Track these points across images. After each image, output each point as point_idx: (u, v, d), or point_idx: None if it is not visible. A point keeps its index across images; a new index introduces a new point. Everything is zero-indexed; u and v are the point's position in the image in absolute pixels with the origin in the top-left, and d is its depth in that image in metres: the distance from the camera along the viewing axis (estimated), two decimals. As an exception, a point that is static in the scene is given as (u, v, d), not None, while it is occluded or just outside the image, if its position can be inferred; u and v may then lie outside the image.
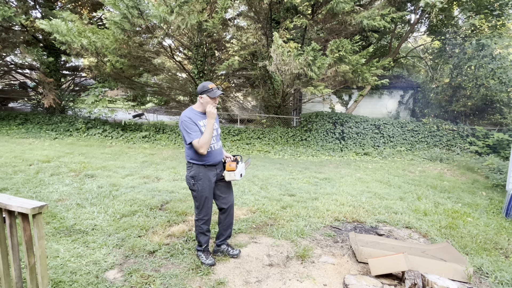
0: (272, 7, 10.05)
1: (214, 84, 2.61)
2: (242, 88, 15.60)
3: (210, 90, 2.57)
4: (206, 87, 2.58)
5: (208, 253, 2.84)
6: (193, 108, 2.66)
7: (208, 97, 2.58)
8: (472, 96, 11.50)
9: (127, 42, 9.04)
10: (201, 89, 2.61)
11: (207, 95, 2.57)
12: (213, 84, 2.60)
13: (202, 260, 2.76)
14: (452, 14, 12.06)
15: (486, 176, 7.25)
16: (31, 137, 9.78)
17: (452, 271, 2.64)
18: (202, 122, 2.60)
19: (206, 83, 2.59)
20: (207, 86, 2.58)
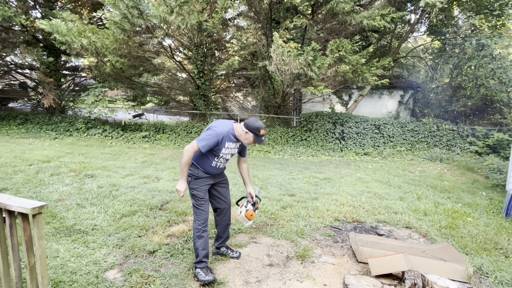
0: (272, 7, 10.05)
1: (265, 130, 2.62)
2: (242, 88, 15.60)
3: (260, 136, 2.47)
4: (257, 130, 2.44)
5: (208, 269, 2.57)
6: (234, 128, 2.51)
7: (251, 138, 2.48)
8: (472, 96, 11.51)
9: (127, 42, 9.05)
10: (252, 127, 2.45)
11: (254, 137, 2.47)
12: (264, 131, 2.49)
13: (201, 277, 2.46)
14: (452, 14, 12.07)
15: (486, 176, 7.25)
16: (31, 137, 9.78)
17: (452, 271, 2.64)
18: (228, 145, 2.49)
19: (259, 126, 2.44)
20: (259, 130, 2.44)
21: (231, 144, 2.51)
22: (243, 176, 2.84)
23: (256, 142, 2.50)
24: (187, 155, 2.40)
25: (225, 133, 2.44)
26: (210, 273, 2.51)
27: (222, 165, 2.62)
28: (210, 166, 2.55)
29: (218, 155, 2.50)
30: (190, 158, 2.41)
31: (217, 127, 2.44)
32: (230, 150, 2.55)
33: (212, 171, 2.59)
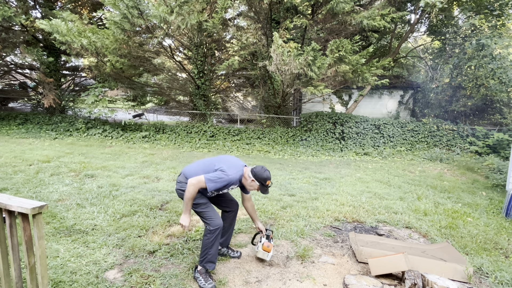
0: (272, 7, 10.05)
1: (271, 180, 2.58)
2: (242, 88, 15.60)
3: (265, 186, 2.48)
4: (264, 180, 2.45)
5: (208, 275, 2.51)
6: (243, 175, 2.52)
7: (256, 186, 2.50)
8: (472, 96, 11.50)
9: (127, 42, 9.04)
10: (260, 177, 2.46)
11: (259, 185, 2.49)
12: (270, 181, 2.50)
13: (201, 283, 2.42)
14: (452, 14, 12.07)
15: (486, 176, 7.25)
16: (31, 137, 9.78)
17: (452, 271, 2.64)
18: (232, 187, 2.53)
19: (268, 176, 2.45)
20: (266, 180, 2.45)
21: (235, 186, 2.54)
22: (250, 214, 2.83)
23: (259, 190, 2.53)
24: (192, 190, 2.33)
25: (235, 180, 2.43)
26: (210, 279, 2.45)
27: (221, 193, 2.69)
28: (206, 194, 2.54)
29: (219, 193, 2.57)
30: (195, 192, 2.35)
31: (229, 173, 2.40)
32: (230, 189, 2.58)
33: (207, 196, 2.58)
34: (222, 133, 10.89)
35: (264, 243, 2.76)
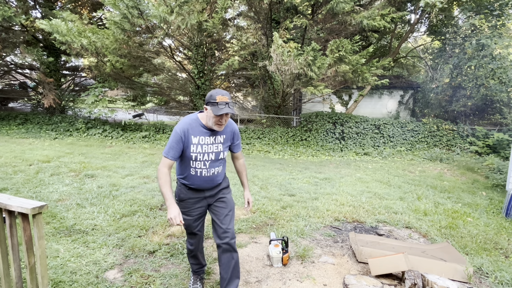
0: (272, 7, 10.06)
1: (227, 97, 1.92)
2: (242, 88, 15.61)
3: (215, 104, 1.90)
4: (212, 98, 1.91)
5: (197, 278, 2.41)
6: (198, 117, 2.05)
7: (211, 114, 1.94)
8: (472, 96, 11.50)
9: (127, 42, 9.05)
10: (207, 98, 1.98)
11: (210, 109, 1.92)
12: (224, 97, 1.91)
13: (189, 284, 2.39)
14: (452, 14, 12.07)
15: (486, 176, 7.25)
16: (31, 137, 9.78)
17: (452, 271, 2.64)
18: (199, 139, 2.01)
19: (215, 93, 1.92)
20: (214, 97, 1.90)
21: (205, 139, 2.02)
22: (239, 177, 2.39)
23: (216, 116, 1.92)
24: (159, 174, 1.99)
25: (187, 125, 1.99)
26: (198, 282, 2.38)
27: (206, 173, 2.08)
28: (191, 177, 2.09)
29: (191, 157, 2.01)
30: (165, 175, 1.98)
31: (177, 125, 2.05)
32: (206, 148, 2.03)
33: (197, 182, 2.09)
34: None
35: (286, 254, 2.80)
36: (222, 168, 2.20)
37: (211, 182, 2.14)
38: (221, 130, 2.03)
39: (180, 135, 1.98)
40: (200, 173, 2.08)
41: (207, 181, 2.12)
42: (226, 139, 2.14)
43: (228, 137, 2.15)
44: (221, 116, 1.94)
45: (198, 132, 2.02)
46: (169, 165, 2.01)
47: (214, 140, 2.07)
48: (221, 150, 2.11)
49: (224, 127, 2.04)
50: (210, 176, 2.12)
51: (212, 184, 2.16)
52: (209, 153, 2.06)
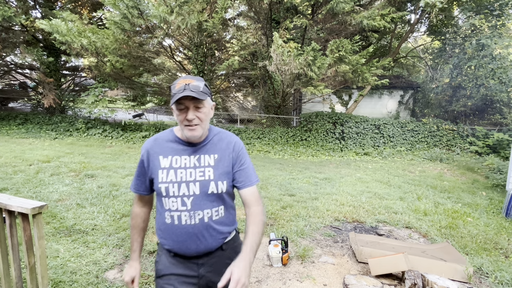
0: (272, 7, 10.06)
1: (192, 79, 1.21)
2: (242, 88, 15.61)
3: (175, 93, 1.18)
4: (171, 88, 1.23)
5: None
6: (174, 129, 1.34)
7: (176, 112, 1.21)
8: (472, 96, 11.51)
9: (127, 42, 9.05)
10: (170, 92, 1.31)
11: (172, 105, 1.21)
12: (185, 79, 1.20)
13: None
14: (452, 14, 12.08)
15: (486, 176, 7.25)
16: (31, 137, 9.77)
17: (452, 271, 2.64)
18: (170, 161, 1.25)
19: (177, 79, 1.22)
20: (174, 85, 1.21)
21: (181, 159, 1.25)
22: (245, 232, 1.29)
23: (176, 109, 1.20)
24: (131, 212, 1.41)
25: (152, 141, 1.31)
26: None
27: (189, 219, 1.23)
28: (167, 229, 1.27)
29: (161, 191, 1.24)
30: (133, 216, 1.38)
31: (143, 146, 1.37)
32: (184, 174, 1.24)
33: (177, 239, 1.25)
34: (222, 133, 10.88)
35: (286, 255, 2.80)
36: (223, 211, 1.30)
37: (202, 238, 1.25)
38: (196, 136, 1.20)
39: (143, 157, 1.30)
40: (178, 220, 1.23)
41: (193, 236, 1.23)
42: (220, 161, 1.28)
43: (223, 157, 1.29)
44: (183, 108, 1.17)
45: (170, 150, 1.27)
46: (138, 201, 1.38)
47: (198, 161, 1.25)
48: (212, 178, 1.24)
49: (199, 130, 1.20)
50: (198, 225, 1.23)
51: (206, 243, 1.26)
52: (188, 183, 1.22)
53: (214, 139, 1.31)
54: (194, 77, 1.21)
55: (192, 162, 1.26)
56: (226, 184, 1.27)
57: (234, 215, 1.42)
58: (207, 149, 1.29)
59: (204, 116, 1.21)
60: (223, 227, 1.32)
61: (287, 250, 2.85)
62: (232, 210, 1.39)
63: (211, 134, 1.32)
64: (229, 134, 1.36)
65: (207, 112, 1.23)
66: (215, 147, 1.30)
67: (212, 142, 1.30)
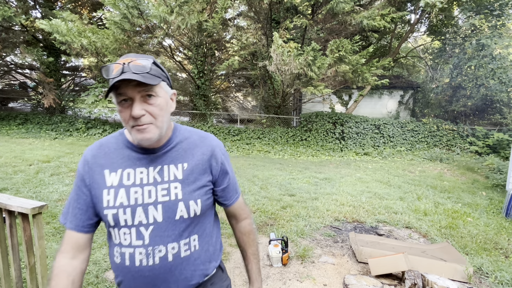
0: (272, 7, 10.06)
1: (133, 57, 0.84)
2: (242, 88, 15.62)
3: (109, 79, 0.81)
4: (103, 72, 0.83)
5: None
6: (125, 132, 0.99)
7: (118, 107, 0.86)
8: (472, 96, 11.51)
9: (127, 42, 9.05)
10: None
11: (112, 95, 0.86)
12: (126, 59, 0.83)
13: None
14: (452, 14, 12.08)
15: (486, 176, 7.25)
16: (31, 137, 9.77)
17: (452, 271, 2.64)
18: (120, 176, 0.90)
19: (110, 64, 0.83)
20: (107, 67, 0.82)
21: (135, 173, 0.91)
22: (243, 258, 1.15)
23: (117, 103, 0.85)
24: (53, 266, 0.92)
25: (95, 149, 0.95)
26: None
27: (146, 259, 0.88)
28: (117, 268, 0.92)
29: (107, 220, 0.89)
30: (58, 273, 0.88)
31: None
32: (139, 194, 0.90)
33: (127, 283, 0.91)
34: (222, 133, 10.88)
35: (286, 255, 2.79)
36: (197, 243, 0.96)
37: (164, 286, 0.90)
38: (149, 139, 0.85)
39: (78, 172, 0.94)
40: (130, 260, 0.88)
41: (151, 283, 0.90)
42: (192, 172, 0.94)
43: (196, 166, 0.95)
44: (125, 100, 0.83)
45: (120, 161, 0.92)
46: (68, 244, 0.91)
47: (159, 174, 0.91)
48: (180, 198, 0.91)
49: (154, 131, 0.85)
50: (157, 267, 0.89)
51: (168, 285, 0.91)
52: (146, 206, 0.89)
53: (183, 143, 0.96)
54: (140, 55, 0.85)
55: (152, 176, 0.90)
56: (201, 204, 0.93)
57: (217, 244, 1.04)
58: (173, 156, 0.93)
59: (158, 110, 0.84)
60: (198, 267, 0.94)
61: (287, 250, 2.85)
62: (212, 238, 1.01)
63: (178, 135, 0.97)
64: (204, 135, 1.01)
65: (162, 103, 0.86)
66: (184, 154, 0.94)
67: (180, 146, 0.95)
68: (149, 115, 0.84)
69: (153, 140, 0.86)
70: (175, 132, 0.98)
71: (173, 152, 0.95)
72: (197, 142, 0.99)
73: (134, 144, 0.93)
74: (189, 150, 0.96)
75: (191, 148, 0.97)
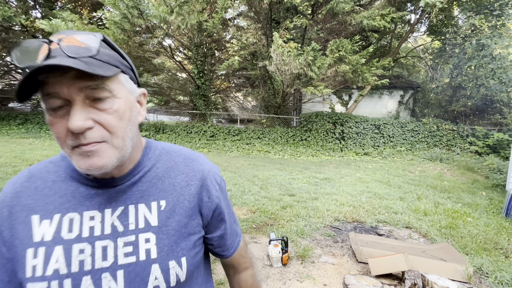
0: (272, 7, 10.06)
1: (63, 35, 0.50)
2: (242, 88, 15.63)
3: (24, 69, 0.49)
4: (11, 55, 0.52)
5: None
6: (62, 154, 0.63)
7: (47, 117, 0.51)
8: (472, 96, 11.51)
9: (127, 42, 9.05)
10: None
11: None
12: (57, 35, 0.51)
13: None
14: (452, 14, 12.08)
15: (486, 176, 7.25)
16: (31, 137, 9.77)
17: (452, 271, 2.64)
18: (55, 227, 0.56)
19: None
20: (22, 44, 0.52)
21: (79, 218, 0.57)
22: None
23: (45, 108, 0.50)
24: None
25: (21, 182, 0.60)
26: None
27: None
28: None
29: None
30: None
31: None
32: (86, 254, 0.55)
33: None
34: (222, 133, 10.89)
35: (286, 255, 2.79)
36: None
37: None
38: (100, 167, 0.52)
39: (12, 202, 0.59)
40: None
41: None
42: (173, 214, 0.62)
43: (180, 203, 0.64)
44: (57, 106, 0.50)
45: (59, 201, 0.58)
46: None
47: (120, 219, 0.59)
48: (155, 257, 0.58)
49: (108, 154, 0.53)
50: None
51: None
52: (99, 274, 0.55)
53: (159, 169, 0.65)
54: (80, 31, 0.53)
55: (109, 223, 0.58)
56: (187, 264, 0.61)
57: None
58: (143, 191, 0.62)
59: (116, 119, 0.53)
60: None
61: (287, 250, 2.85)
62: None
63: (151, 158, 0.65)
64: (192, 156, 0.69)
65: (122, 109, 0.54)
66: (161, 186, 0.63)
67: (153, 174, 0.64)
68: (100, 127, 0.51)
69: (107, 168, 0.52)
70: (146, 153, 0.65)
71: (144, 184, 0.61)
72: (180, 167, 0.66)
73: (81, 173, 0.59)
74: (168, 180, 0.63)
75: (171, 177, 0.64)
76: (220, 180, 0.70)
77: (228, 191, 4.97)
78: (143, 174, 0.62)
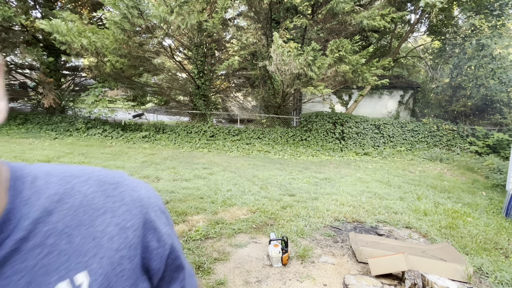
0: (272, 7, 10.06)
1: None
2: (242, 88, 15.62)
3: None
4: None
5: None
6: None
7: None
8: (472, 96, 11.51)
9: (127, 42, 9.05)
10: None
11: None
12: None
13: None
14: (452, 14, 12.08)
15: (486, 176, 7.25)
16: (31, 137, 9.77)
17: (452, 271, 2.64)
18: None
19: None
20: None
21: None
22: None
23: None
24: None
25: None
26: None
27: None
28: None
29: None
30: None
31: None
32: None
33: None
34: (222, 133, 10.88)
35: (286, 255, 2.80)
36: None
37: None
38: None
39: None
40: None
41: None
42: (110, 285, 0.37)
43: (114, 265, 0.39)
44: None
45: None
46: None
47: None
48: None
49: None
50: None
51: None
52: None
53: (52, 215, 0.38)
54: None
55: None
56: None
57: None
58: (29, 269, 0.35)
59: None
60: None
61: (287, 250, 2.85)
62: None
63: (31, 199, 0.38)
64: (112, 179, 0.46)
65: None
66: (65, 248, 0.37)
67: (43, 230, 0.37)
68: None
69: None
70: (17, 190, 0.38)
71: (30, 255, 0.35)
72: (97, 201, 0.42)
73: None
74: (81, 232, 0.39)
75: (84, 225, 0.40)
76: (163, 207, 0.48)
77: (228, 191, 4.97)
78: (24, 234, 0.35)
